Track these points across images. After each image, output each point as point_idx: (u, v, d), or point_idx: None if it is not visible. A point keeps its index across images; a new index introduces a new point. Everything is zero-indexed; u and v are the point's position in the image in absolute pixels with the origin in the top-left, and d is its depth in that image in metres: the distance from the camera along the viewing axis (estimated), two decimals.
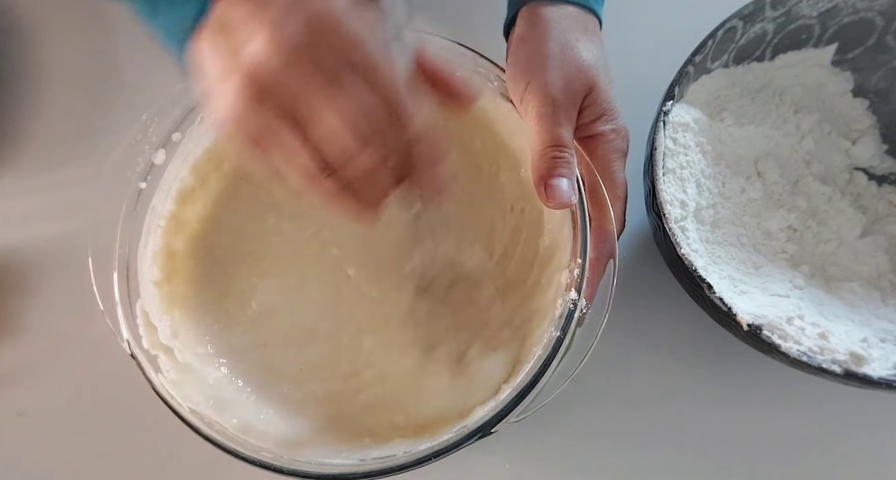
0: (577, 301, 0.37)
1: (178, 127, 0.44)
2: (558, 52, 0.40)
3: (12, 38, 0.61)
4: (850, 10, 0.47)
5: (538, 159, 0.39)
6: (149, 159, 0.44)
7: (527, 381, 0.36)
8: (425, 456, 0.36)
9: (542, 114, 0.39)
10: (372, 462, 0.37)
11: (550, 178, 0.38)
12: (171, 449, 0.49)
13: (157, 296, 0.43)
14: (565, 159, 0.38)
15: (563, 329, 0.37)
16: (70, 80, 0.60)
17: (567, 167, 0.38)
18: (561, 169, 0.38)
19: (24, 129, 0.59)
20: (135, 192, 0.43)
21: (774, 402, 0.49)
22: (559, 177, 0.38)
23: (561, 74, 0.40)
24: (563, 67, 0.40)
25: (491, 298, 0.43)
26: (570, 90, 0.40)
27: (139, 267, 0.43)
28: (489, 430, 0.36)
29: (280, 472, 0.36)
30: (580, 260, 0.37)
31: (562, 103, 0.39)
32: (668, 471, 0.48)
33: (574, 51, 0.41)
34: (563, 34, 0.41)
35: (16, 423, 0.51)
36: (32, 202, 0.57)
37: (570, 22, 0.42)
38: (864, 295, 0.46)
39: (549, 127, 0.39)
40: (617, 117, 0.42)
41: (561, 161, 0.38)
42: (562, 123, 0.39)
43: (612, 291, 0.39)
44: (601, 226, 0.40)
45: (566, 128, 0.39)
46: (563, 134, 0.39)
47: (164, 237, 0.44)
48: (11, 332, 0.53)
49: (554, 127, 0.39)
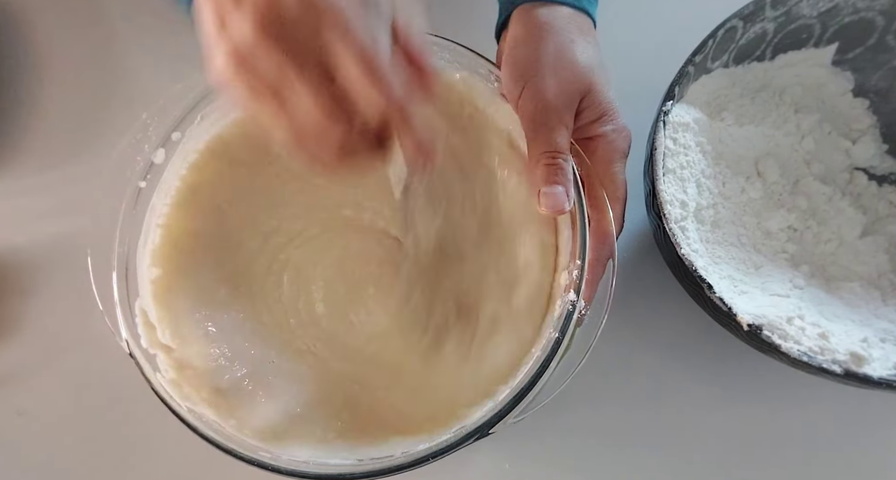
0: (576, 302, 0.37)
1: (177, 126, 0.44)
2: (553, 55, 0.40)
3: (12, 37, 0.61)
4: (851, 9, 0.47)
5: (532, 166, 0.39)
6: (148, 158, 0.44)
7: (525, 382, 0.36)
8: (423, 457, 0.36)
9: (536, 119, 0.39)
10: (370, 463, 0.37)
11: (544, 186, 0.38)
12: (171, 449, 0.49)
13: (155, 295, 0.43)
14: (558, 165, 0.38)
15: (561, 330, 0.37)
16: (70, 80, 0.60)
17: (561, 174, 0.38)
18: (554, 176, 0.38)
19: (23, 129, 0.59)
20: (134, 191, 0.43)
21: (774, 402, 0.49)
22: (553, 185, 0.38)
23: (556, 78, 0.40)
24: (558, 71, 0.40)
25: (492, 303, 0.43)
26: (565, 94, 0.39)
27: (138, 267, 0.43)
28: (487, 431, 0.36)
29: (278, 472, 0.36)
30: (579, 261, 0.37)
31: (557, 107, 0.39)
32: (668, 471, 0.48)
33: (570, 53, 0.41)
34: (558, 36, 0.41)
35: (16, 423, 0.51)
36: (32, 202, 0.57)
37: (565, 23, 0.42)
38: (865, 295, 0.46)
39: (544, 132, 0.39)
40: (617, 117, 0.42)
41: (554, 168, 0.38)
42: (557, 128, 0.39)
43: (611, 292, 0.39)
44: (600, 228, 0.40)
45: (561, 132, 0.39)
46: (558, 139, 0.39)
47: (164, 236, 0.44)
48: (11, 332, 0.53)
49: (548, 132, 0.38)
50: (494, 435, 0.35)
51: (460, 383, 0.41)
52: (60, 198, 0.56)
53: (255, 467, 0.36)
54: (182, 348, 0.42)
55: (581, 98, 0.40)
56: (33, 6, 0.62)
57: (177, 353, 0.42)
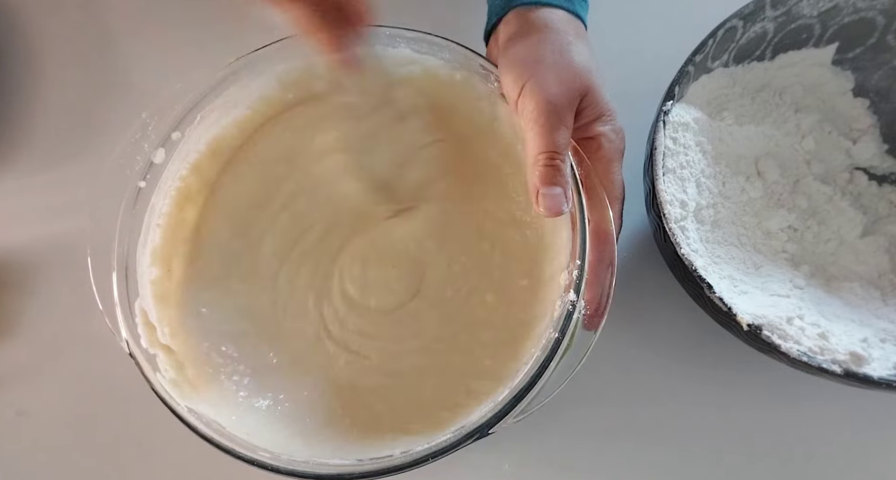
0: (577, 302, 0.37)
1: (177, 126, 0.44)
2: (553, 56, 0.40)
3: (12, 37, 0.61)
4: (851, 9, 0.47)
5: (531, 166, 0.39)
6: (148, 158, 0.44)
7: (525, 382, 0.36)
8: (422, 457, 0.36)
9: (536, 118, 0.39)
10: (370, 463, 0.37)
11: (543, 187, 0.38)
12: (171, 449, 0.49)
13: (155, 295, 0.43)
14: (557, 166, 0.38)
15: (561, 330, 0.36)
16: (70, 80, 0.60)
17: (559, 175, 0.38)
18: (553, 177, 0.38)
19: (23, 129, 0.59)
20: (134, 191, 0.43)
21: (774, 402, 0.49)
22: (551, 186, 0.38)
23: (557, 77, 0.40)
24: (558, 71, 0.40)
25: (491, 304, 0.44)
26: (567, 93, 0.39)
27: (138, 267, 0.43)
28: (486, 431, 0.36)
29: (277, 472, 0.36)
30: (579, 261, 0.37)
31: (559, 107, 0.39)
32: (668, 472, 0.48)
33: (568, 54, 0.41)
34: (556, 37, 0.41)
35: (16, 423, 0.51)
36: (32, 202, 0.57)
37: (563, 26, 0.42)
38: (865, 295, 0.46)
39: (544, 132, 0.38)
40: (615, 117, 0.42)
41: (553, 169, 0.38)
42: (558, 128, 0.39)
43: (610, 292, 0.39)
44: (600, 228, 0.40)
45: (562, 132, 0.39)
46: (558, 139, 0.39)
47: (163, 236, 0.44)
48: (11, 332, 0.53)
49: (549, 132, 0.38)
50: (495, 436, 0.35)
51: (460, 383, 0.41)
52: (60, 198, 0.56)
53: (255, 467, 0.36)
54: (182, 348, 0.42)
55: (581, 97, 0.41)
56: (33, 6, 0.62)
57: (177, 353, 0.42)
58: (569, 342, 0.37)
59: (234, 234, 0.46)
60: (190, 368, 0.42)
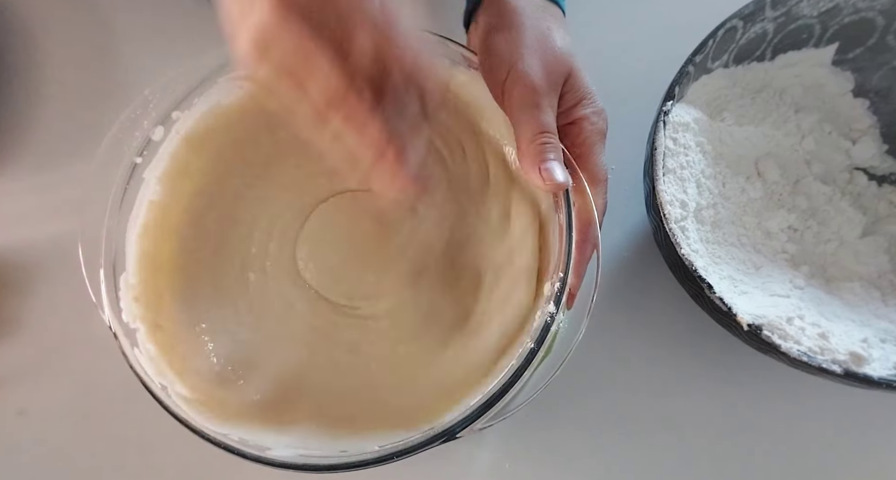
0: (555, 314, 0.36)
1: (178, 105, 0.44)
2: (535, 40, 0.41)
3: (9, 36, 0.61)
4: (851, 9, 0.47)
5: (527, 146, 0.39)
6: (146, 135, 0.44)
7: (496, 390, 0.35)
8: (388, 455, 0.35)
9: (526, 101, 0.39)
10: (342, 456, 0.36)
11: (544, 163, 0.38)
12: (170, 449, 0.49)
13: (144, 270, 0.43)
14: (554, 144, 0.38)
15: (538, 341, 0.36)
16: (69, 80, 0.60)
17: (557, 151, 0.39)
18: (552, 152, 0.38)
19: (22, 129, 0.59)
20: (129, 166, 0.43)
21: (774, 402, 0.49)
22: (552, 161, 0.38)
23: (541, 62, 0.40)
24: (541, 55, 0.40)
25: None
26: (551, 77, 0.40)
27: (127, 243, 0.43)
28: (454, 435, 0.36)
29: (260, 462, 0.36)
30: (562, 274, 0.37)
31: (544, 90, 0.39)
32: (668, 471, 0.48)
33: (549, 39, 0.41)
34: (536, 22, 0.42)
35: (16, 423, 0.51)
36: (32, 202, 0.57)
37: (539, 12, 0.43)
38: (865, 295, 0.46)
39: (536, 114, 0.39)
40: (595, 99, 0.42)
41: (550, 146, 0.38)
42: (546, 110, 0.39)
43: (595, 285, 0.38)
44: (581, 213, 0.40)
45: (550, 114, 0.39)
46: (549, 120, 0.39)
47: (154, 211, 0.44)
48: (11, 332, 0.53)
49: (539, 114, 0.39)
50: (495, 435, 0.35)
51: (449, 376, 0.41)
52: (59, 198, 0.56)
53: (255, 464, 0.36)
54: (170, 335, 0.42)
55: (563, 81, 0.41)
56: (33, 6, 0.62)
57: (165, 339, 0.41)
58: (545, 352, 0.37)
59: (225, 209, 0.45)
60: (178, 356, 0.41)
